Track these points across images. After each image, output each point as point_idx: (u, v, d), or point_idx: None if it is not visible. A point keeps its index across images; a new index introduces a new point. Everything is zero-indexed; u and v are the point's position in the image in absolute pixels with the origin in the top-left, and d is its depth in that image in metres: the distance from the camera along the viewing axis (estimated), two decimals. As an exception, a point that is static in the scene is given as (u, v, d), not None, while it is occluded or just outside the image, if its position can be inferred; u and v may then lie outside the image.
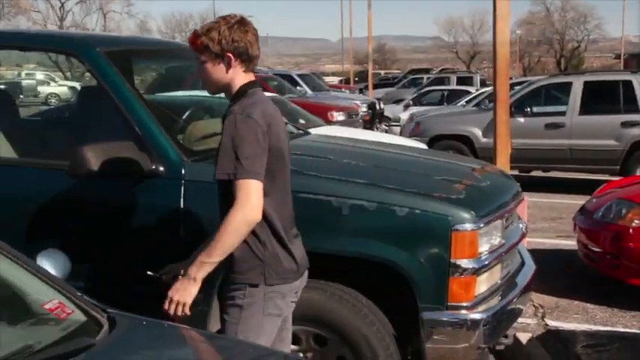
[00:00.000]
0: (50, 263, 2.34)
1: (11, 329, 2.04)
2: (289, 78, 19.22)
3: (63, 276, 2.36)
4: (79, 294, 2.26)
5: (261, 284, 2.75)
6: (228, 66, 2.79)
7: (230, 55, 2.76)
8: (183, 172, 3.45)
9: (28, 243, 2.91)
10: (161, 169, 3.44)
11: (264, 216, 2.72)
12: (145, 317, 2.30)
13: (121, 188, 3.52)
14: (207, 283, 3.36)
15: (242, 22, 2.82)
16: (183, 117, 4.17)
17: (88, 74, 4.06)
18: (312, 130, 5.46)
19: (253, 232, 2.73)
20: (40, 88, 29.80)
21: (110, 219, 3.58)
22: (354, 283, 3.37)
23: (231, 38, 2.75)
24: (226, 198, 2.71)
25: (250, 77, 2.87)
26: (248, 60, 2.82)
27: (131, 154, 3.39)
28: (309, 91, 18.76)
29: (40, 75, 32.04)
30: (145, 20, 64.80)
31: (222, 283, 3.24)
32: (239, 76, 2.83)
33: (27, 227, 3.51)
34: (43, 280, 2.19)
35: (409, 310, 3.28)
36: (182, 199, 3.41)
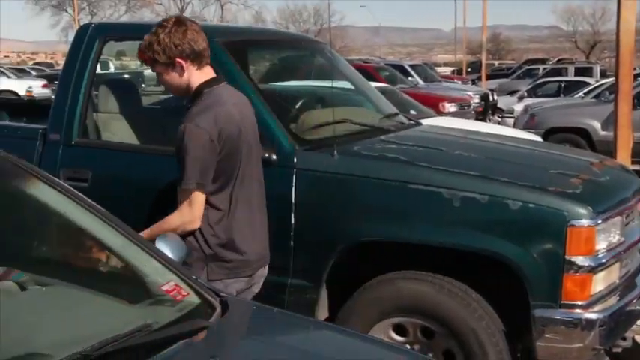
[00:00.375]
0: (168, 247, 2.43)
1: (132, 308, 2.14)
2: (401, 68, 19.06)
3: (180, 259, 2.44)
4: (193, 277, 2.33)
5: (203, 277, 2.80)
6: (181, 70, 2.88)
7: (178, 59, 2.85)
8: (295, 160, 3.50)
9: (148, 226, 3.04)
10: (274, 157, 3.50)
11: (213, 218, 2.86)
12: (255, 302, 2.35)
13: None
14: (315, 271, 3.43)
15: (178, 24, 2.88)
16: (296, 106, 4.22)
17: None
18: (424, 121, 5.40)
19: (200, 230, 2.87)
20: (160, 78, 30.79)
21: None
22: (463, 276, 3.32)
23: (173, 44, 2.83)
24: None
25: (207, 73, 2.95)
26: (197, 57, 2.89)
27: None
28: (421, 82, 18.55)
29: (160, 65, 33.06)
30: (260, 11, 66.02)
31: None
32: (194, 76, 2.91)
33: (147, 210, 3.66)
34: (161, 262, 2.28)
35: (520, 306, 3.21)
36: (294, 188, 3.46)
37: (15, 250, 2.58)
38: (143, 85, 9.79)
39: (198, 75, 2.93)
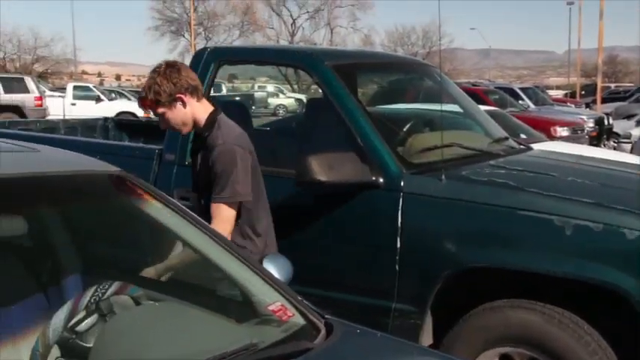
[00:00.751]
0: (275, 267, 2.46)
1: (238, 327, 2.18)
2: (511, 91, 18.68)
3: (286, 280, 2.47)
4: (299, 298, 2.35)
5: None
6: (184, 104, 3.20)
7: (179, 95, 3.17)
8: (402, 184, 3.48)
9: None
10: (381, 180, 3.49)
11: (251, 222, 3.27)
12: (358, 326, 2.34)
13: (342, 198, 3.62)
14: (420, 297, 3.39)
15: (170, 66, 3.22)
16: (404, 129, 4.21)
17: (313, 87, 4.23)
18: (535, 146, 5.27)
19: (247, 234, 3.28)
20: (269, 100, 31.56)
21: (330, 227, 3.70)
22: (573, 307, 3.19)
23: (172, 83, 3.15)
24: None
25: (206, 105, 3.29)
26: (194, 90, 3.22)
27: (353, 165, 3.48)
28: (532, 105, 18.11)
29: (270, 87, 33.93)
30: (369, 34, 66.25)
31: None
32: (197, 108, 3.25)
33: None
34: (268, 282, 2.31)
35: (637, 340, 3.05)
36: (400, 211, 3.44)
37: (131, 265, 2.69)
38: (253, 108, 10.02)
39: (199, 107, 3.26)
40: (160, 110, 3.22)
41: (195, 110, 3.24)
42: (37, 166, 2.38)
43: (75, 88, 26.97)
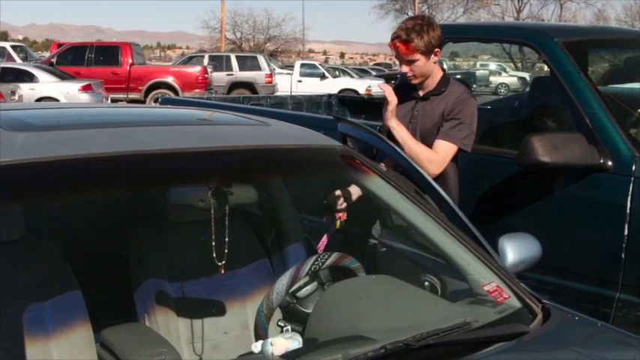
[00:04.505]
0: (520, 244, 2.41)
1: (452, 304, 2.18)
2: None
3: (534, 260, 2.41)
4: (516, 280, 2.30)
5: None
6: (435, 58, 3.36)
7: (437, 49, 3.34)
8: (633, 168, 3.26)
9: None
10: (609, 163, 3.30)
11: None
12: (578, 313, 2.24)
13: (565, 180, 3.48)
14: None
15: (432, 21, 3.41)
16: (639, 110, 3.94)
17: (538, 65, 4.09)
18: None
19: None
20: (491, 78, 30.79)
21: (551, 210, 3.56)
22: None
23: (437, 35, 3.32)
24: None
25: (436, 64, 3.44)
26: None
27: (579, 147, 3.32)
28: None
29: (493, 65, 33.13)
30: (603, 9, 62.16)
31: None
32: (436, 65, 3.42)
33: (470, 208, 3.68)
34: (484, 262, 2.28)
35: None
36: (630, 197, 3.23)
37: (351, 237, 2.79)
38: (474, 86, 9.86)
39: (437, 65, 3.44)
40: (417, 57, 3.32)
41: (435, 67, 3.41)
42: (268, 139, 2.53)
43: (302, 65, 28.12)
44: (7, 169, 1.85)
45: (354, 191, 3.02)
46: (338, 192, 3.03)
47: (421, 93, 3.46)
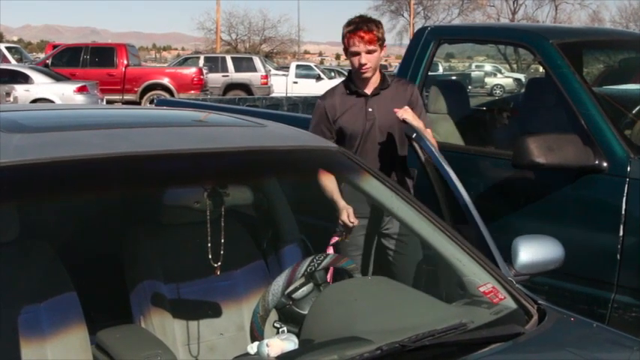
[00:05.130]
0: (540, 246, 2.40)
1: (448, 305, 2.18)
2: None
3: (558, 263, 2.40)
4: (511, 281, 2.30)
5: None
6: (383, 51, 3.51)
7: (385, 43, 3.49)
8: (628, 169, 3.27)
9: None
10: (604, 164, 3.31)
11: None
12: (573, 314, 2.24)
13: (559, 181, 3.48)
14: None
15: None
16: (633, 112, 3.94)
17: (533, 66, 4.10)
18: None
19: None
20: (487, 80, 30.81)
21: (546, 211, 3.57)
22: None
23: (383, 30, 3.49)
24: None
25: None
26: None
27: (574, 148, 3.33)
28: None
29: (488, 67, 33.15)
30: (598, 10, 62.23)
31: None
32: None
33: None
34: (479, 263, 2.28)
35: None
36: (625, 198, 3.24)
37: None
38: (469, 87, 9.85)
39: None
40: (376, 47, 3.42)
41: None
42: (264, 140, 2.53)
43: (297, 67, 28.12)
44: (3, 170, 1.85)
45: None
46: (347, 213, 3.06)
47: (369, 90, 3.50)
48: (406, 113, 3.31)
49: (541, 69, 3.90)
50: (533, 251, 2.36)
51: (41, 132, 2.18)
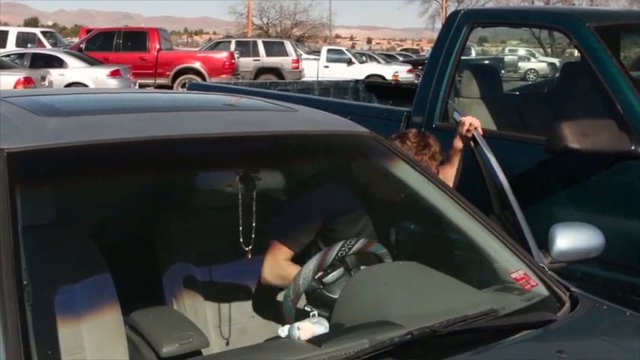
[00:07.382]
0: (580, 234, 2.39)
1: (479, 291, 2.17)
2: None
3: (598, 251, 2.39)
4: (544, 267, 2.29)
5: None
6: None
7: None
8: (666, 155, 3.22)
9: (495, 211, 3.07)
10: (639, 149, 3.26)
11: None
12: (606, 301, 2.22)
13: (595, 167, 3.44)
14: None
15: None
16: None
17: (568, 51, 4.05)
18: None
19: None
20: (520, 64, 30.46)
21: (580, 198, 3.53)
22: None
23: None
24: None
25: None
26: None
27: (610, 133, 3.29)
28: None
29: (522, 51, 32.74)
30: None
31: None
32: None
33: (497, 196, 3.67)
34: (511, 249, 2.27)
35: None
36: (661, 185, 3.19)
37: (377, 224, 2.78)
38: (502, 72, 9.74)
39: None
40: None
41: None
42: (296, 124, 2.53)
43: (328, 51, 28.05)
44: (38, 154, 1.88)
45: None
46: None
47: None
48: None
49: (576, 53, 3.84)
50: (572, 238, 2.34)
51: (76, 115, 2.20)
